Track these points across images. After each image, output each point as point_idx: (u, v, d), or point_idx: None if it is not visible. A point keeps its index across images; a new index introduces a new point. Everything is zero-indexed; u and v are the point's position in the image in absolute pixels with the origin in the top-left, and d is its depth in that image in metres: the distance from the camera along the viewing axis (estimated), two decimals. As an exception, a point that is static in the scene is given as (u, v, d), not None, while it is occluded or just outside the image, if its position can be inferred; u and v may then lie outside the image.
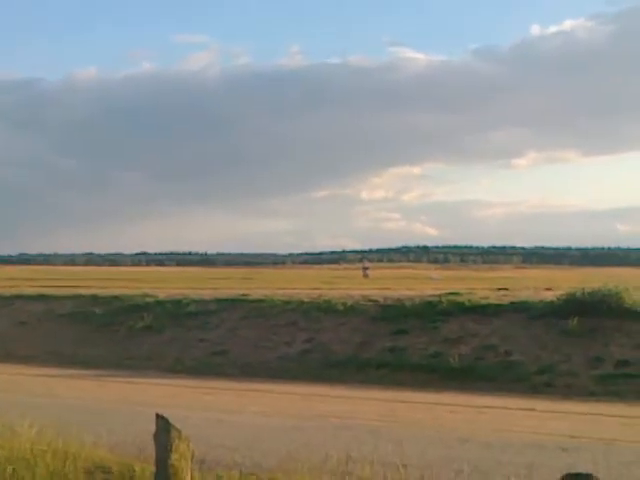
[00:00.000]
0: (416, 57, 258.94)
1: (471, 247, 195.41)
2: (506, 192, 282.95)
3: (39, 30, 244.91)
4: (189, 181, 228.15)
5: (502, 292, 26.01)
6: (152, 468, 6.54)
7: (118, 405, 14.85)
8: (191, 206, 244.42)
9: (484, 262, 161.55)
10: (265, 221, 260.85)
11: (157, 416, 6.11)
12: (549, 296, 23.00)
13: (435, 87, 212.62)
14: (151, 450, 6.33)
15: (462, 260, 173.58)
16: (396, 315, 22.82)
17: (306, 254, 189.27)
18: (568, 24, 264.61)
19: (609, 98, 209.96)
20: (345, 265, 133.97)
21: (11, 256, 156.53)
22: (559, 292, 22.99)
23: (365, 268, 64.22)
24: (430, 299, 23.85)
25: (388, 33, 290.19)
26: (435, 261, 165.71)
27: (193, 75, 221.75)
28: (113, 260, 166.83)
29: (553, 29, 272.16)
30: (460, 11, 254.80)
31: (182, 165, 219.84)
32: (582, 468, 5.25)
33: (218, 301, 26.73)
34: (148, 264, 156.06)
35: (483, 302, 22.94)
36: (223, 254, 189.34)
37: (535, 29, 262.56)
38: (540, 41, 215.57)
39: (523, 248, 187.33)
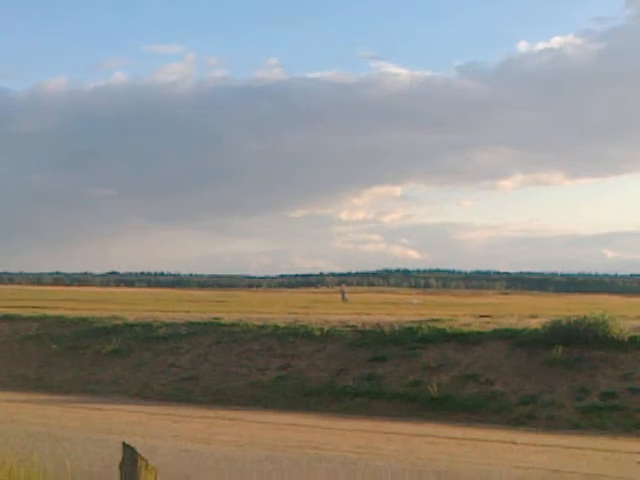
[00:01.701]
0: (399, 72, 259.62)
1: (454, 272, 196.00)
2: (490, 215, 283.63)
3: (3, 36, 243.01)
4: (162, 199, 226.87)
5: (485, 319, 26.06)
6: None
7: (83, 432, 14.75)
8: (164, 225, 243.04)
9: (467, 287, 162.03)
10: (240, 241, 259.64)
11: (124, 445, 6.08)
12: (533, 324, 23.10)
13: (418, 104, 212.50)
14: (116, 481, 6.29)
15: (444, 285, 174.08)
16: (374, 341, 22.84)
17: (282, 276, 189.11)
18: (557, 41, 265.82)
19: (597, 119, 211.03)
20: (323, 288, 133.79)
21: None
22: (544, 320, 23.09)
23: (343, 292, 64.07)
24: (410, 325, 23.90)
25: (370, 47, 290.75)
26: (416, 286, 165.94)
27: (167, 87, 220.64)
28: (82, 280, 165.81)
29: (541, 46, 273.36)
30: (445, 25, 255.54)
31: (155, 182, 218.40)
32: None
33: (190, 325, 26.66)
34: (118, 285, 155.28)
35: (465, 329, 23.01)
36: (196, 275, 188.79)
37: (522, 45, 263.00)
38: (527, 58, 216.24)
39: (507, 273, 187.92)
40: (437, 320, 24.96)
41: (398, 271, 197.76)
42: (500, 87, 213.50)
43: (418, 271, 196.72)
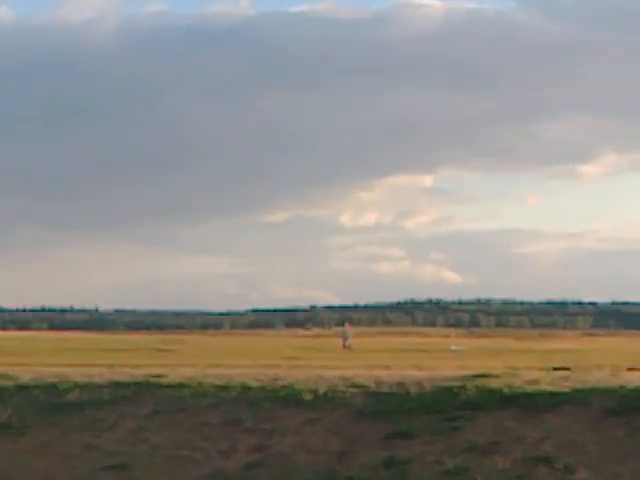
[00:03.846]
0: (426, 4, 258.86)
1: (513, 303, 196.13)
2: (568, 216, 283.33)
3: None
4: (72, 197, 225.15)
5: (561, 373, 26.13)
6: None
7: None
8: (74, 237, 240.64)
9: (533, 326, 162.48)
10: (191, 260, 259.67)
11: None
12: (634, 380, 23.14)
13: (457, 51, 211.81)
14: None
15: (499, 323, 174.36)
16: (395, 409, 22.87)
17: (255, 312, 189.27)
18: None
19: None
20: (316, 330, 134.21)
21: None
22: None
23: (346, 335, 64.25)
24: (448, 384, 23.94)
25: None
26: (457, 324, 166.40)
27: (76, 29, 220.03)
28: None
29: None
30: None
31: (61, 172, 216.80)
32: None
33: (115, 386, 26.63)
34: (4, 327, 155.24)
35: (531, 389, 23.05)
36: (124, 312, 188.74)
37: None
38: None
39: (594, 304, 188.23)
40: (489, 376, 24.98)
41: (430, 302, 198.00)
42: (581, 25, 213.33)
43: (459, 302, 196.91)
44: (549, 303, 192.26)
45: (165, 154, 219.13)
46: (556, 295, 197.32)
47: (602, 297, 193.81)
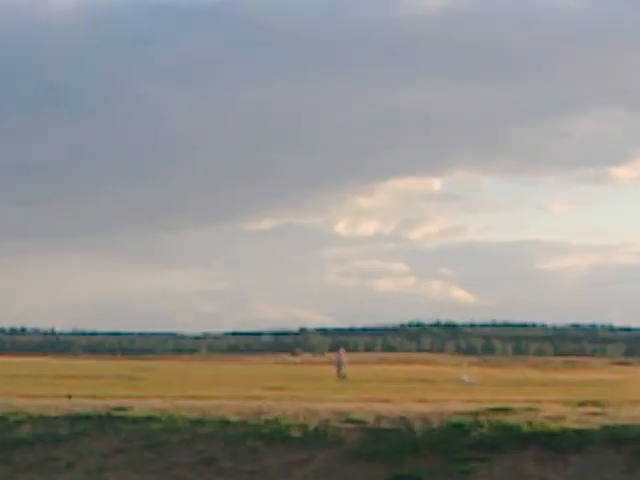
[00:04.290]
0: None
1: (534, 326, 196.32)
2: (598, 227, 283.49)
3: None
4: (21, 201, 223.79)
5: (588, 409, 26.05)
6: None
7: None
8: (28, 246, 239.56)
9: (557, 354, 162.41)
10: (164, 273, 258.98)
11: None
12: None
13: (470, 33, 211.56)
14: None
15: (518, 350, 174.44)
16: (396, 448, 22.76)
17: (235, 334, 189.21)
18: None
19: None
20: (306, 356, 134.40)
21: None
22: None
23: (341, 362, 64.21)
24: (459, 420, 23.84)
25: None
26: (469, 351, 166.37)
27: (33, 5, 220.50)
28: None
29: None
30: None
31: (12, 168, 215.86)
32: None
33: (73, 419, 26.54)
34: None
35: (554, 427, 22.96)
36: (85, 334, 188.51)
37: None
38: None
39: (627, 329, 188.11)
40: (505, 411, 24.90)
41: (437, 325, 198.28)
42: (618, 5, 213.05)
43: (472, 325, 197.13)
44: (575, 327, 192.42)
45: (134, 149, 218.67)
46: (583, 318, 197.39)
47: (636, 321, 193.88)
